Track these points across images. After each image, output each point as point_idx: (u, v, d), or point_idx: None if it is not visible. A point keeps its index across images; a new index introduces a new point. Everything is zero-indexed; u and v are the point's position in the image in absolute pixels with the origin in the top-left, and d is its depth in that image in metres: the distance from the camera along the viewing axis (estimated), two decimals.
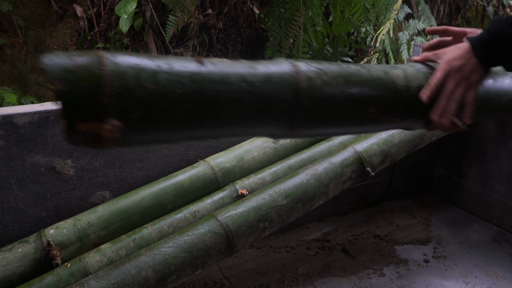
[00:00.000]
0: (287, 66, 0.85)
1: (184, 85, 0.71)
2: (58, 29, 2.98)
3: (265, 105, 0.80)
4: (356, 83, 0.90)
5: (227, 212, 1.30)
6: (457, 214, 2.24)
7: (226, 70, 0.76)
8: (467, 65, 0.93)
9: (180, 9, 2.44)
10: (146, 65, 0.69)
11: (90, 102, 0.64)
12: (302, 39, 2.60)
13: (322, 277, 1.74)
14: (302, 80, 0.84)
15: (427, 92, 0.94)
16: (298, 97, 0.83)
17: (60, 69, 0.63)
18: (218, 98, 0.75)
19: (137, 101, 0.67)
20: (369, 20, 2.55)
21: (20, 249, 1.23)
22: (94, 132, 0.65)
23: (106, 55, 0.67)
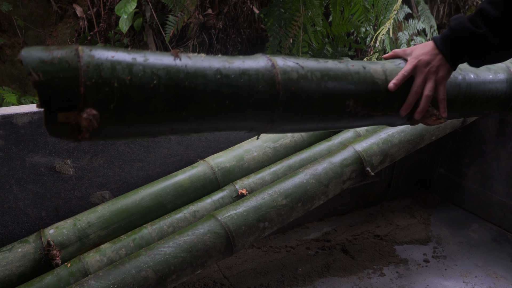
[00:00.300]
0: (263, 60, 0.87)
1: (159, 77, 0.73)
2: (58, 29, 2.98)
3: (243, 97, 0.82)
4: (333, 77, 0.93)
5: (227, 212, 1.30)
6: (457, 214, 2.24)
7: (202, 63, 0.78)
8: (433, 60, 0.97)
9: (180, 9, 2.44)
10: (122, 58, 0.71)
11: (67, 92, 0.66)
12: (302, 39, 2.60)
13: (322, 277, 1.74)
14: (278, 73, 0.86)
15: (395, 81, 0.97)
16: (275, 89, 0.85)
17: (37, 61, 0.65)
18: (194, 90, 0.76)
19: (113, 91, 0.69)
20: (368, 20, 2.55)
21: (20, 249, 1.23)
22: (73, 121, 0.68)
23: (83, 47, 0.69)
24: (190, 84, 0.76)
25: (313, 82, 0.90)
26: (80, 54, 0.68)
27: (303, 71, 0.89)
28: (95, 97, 0.68)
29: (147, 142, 1.45)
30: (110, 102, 0.69)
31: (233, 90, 0.81)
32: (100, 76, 0.68)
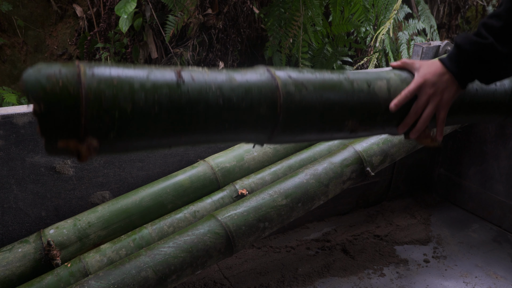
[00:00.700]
0: (267, 79, 0.85)
1: (160, 104, 0.72)
2: (58, 29, 2.98)
3: (242, 121, 0.82)
4: (337, 100, 0.91)
5: (227, 212, 1.30)
6: (457, 214, 2.24)
7: (205, 85, 0.77)
8: (440, 81, 0.93)
9: (180, 9, 2.44)
10: (124, 83, 0.70)
11: (68, 122, 0.66)
12: (302, 39, 2.60)
13: (322, 277, 1.74)
14: (281, 95, 0.85)
15: (396, 101, 0.93)
16: (276, 113, 0.85)
17: (39, 90, 0.64)
18: (195, 115, 0.76)
19: (114, 121, 0.69)
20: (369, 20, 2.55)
21: (20, 249, 1.23)
22: (73, 148, 0.68)
23: (85, 70, 0.68)
24: (191, 111, 0.75)
25: (315, 104, 0.89)
26: (82, 81, 0.66)
27: (306, 92, 0.88)
28: (96, 127, 0.68)
29: None
30: (111, 131, 0.69)
31: (234, 115, 0.80)
32: (101, 106, 0.67)
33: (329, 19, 2.79)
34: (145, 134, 0.73)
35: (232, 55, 2.70)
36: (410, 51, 2.74)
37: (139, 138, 0.73)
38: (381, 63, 2.83)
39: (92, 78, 0.68)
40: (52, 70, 0.66)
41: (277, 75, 0.87)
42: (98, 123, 0.67)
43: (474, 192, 2.20)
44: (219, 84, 0.79)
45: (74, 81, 0.66)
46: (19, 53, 2.91)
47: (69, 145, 0.68)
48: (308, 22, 2.56)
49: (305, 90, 0.87)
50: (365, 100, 0.94)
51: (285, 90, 0.85)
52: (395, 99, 0.94)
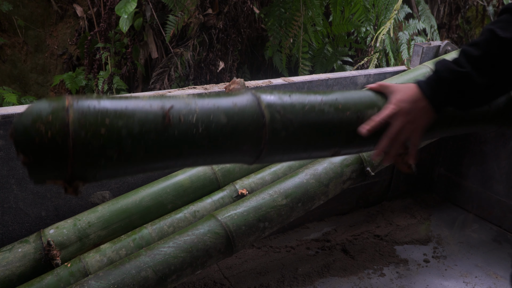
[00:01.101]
0: (255, 115, 0.85)
1: (146, 147, 0.75)
2: (58, 29, 2.98)
3: (225, 157, 0.86)
4: (323, 133, 0.92)
5: (227, 212, 1.30)
6: (457, 214, 2.24)
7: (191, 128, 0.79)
8: (415, 109, 0.91)
9: (180, 9, 2.44)
10: (111, 133, 0.71)
11: (55, 170, 0.69)
12: (302, 39, 2.60)
13: (322, 277, 1.74)
14: (267, 133, 0.86)
15: (368, 127, 0.92)
16: (259, 148, 0.87)
17: (28, 142, 0.66)
18: (180, 154, 0.79)
19: (100, 167, 0.72)
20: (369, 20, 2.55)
21: (20, 249, 1.23)
22: (60, 184, 0.72)
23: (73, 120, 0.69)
24: (175, 151, 0.78)
25: (300, 139, 0.91)
26: (70, 130, 0.68)
27: (293, 129, 0.88)
28: (82, 173, 0.71)
29: None
30: (96, 173, 0.73)
31: (218, 151, 0.83)
32: (88, 156, 0.70)
33: (330, 19, 2.79)
34: (129, 170, 0.77)
35: (233, 55, 2.70)
36: (410, 51, 2.74)
37: (124, 173, 0.78)
38: (381, 63, 2.83)
39: (80, 128, 0.69)
40: (42, 118, 0.68)
41: (266, 109, 0.87)
42: (84, 170, 0.71)
43: (474, 192, 2.20)
44: (207, 123, 0.80)
45: (63, 132, 0.67)
46: (19, 53, 2.91)
47: (56, 183, 0.72)
48: (309, 22, 2.56)
49: (292, 127, 0.88)
50: (354, 131, 0.94)
51: (272, 127, 0.86)
52: (367, 124, 0.92)
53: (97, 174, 0.73)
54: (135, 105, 0.75)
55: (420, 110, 0.91)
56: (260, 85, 1.61)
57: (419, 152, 2.11)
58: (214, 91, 1.51)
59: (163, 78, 2.55)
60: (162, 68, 2.58)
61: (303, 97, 0.92)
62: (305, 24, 2.55)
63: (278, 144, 0.88)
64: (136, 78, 2.84)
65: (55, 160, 0.68)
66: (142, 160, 0.75)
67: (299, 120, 0.89)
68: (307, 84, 1.71)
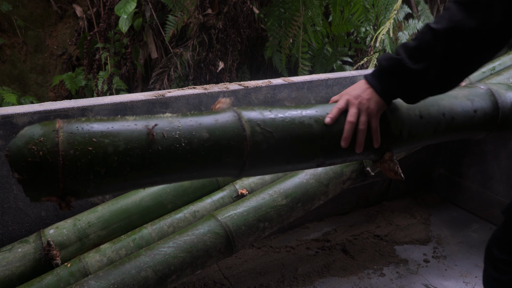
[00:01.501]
0: (236, 128, 0.90)
1: (132, 164, 0.80)
2: (58, 29, 2.98)
3: (209, 170, 0.90)
4: (304, 143, 0.96)
5: (227, 212, 1.30)
6: (457, 214, 2.24)
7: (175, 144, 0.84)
8: (364, 93, 1.01)
9: (179, 9, 2.44)
10: (98, 150, 0.77)
11: (48, 187, 0.75)
12: (301, 39, 2.60)
13: (322, 277, 1.74)
14: (248, 145, 0.90)
15: (331, 115, 1.00)
16: (242, 160, 0.91)
17: (21, 161, 0.72)
18: (164, 167, 0.84)
19: (89, 181, 0.78)
20: (368, 20, 2.55)
21: (20, 249, 1.23)
22: (54, 201, 0.78)
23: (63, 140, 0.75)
24: (160, 165, 0.83)
25: (282, 151, 0.95)
26: (60, 149, 0.74)
27: (274, 141, 0.93)
28: (73, 188, 0.77)
29: None
30: (86, 189, 0.79)
31: (201, 165, 0.87)
32: (77, 171, 0.75)
33: (329, 19, 2.79)
34: (119, 186, 0.83)
35: (232, 55, 2.70)
36: None
37: (113, 188, 0.83)
38: None
39: (69, 146, 0.75)
40: (34, 139, 0.74)
41: (247, 123, 0.91)
42: (75, 186, 0.77)
43: (474, 192, 2.20)
44: (189, 138, 0.85)
45: (53, 151, 0.74)
46: (19, 53, 2.91)
47: (51, 200, 0.78)
48: (308, 22, 2.56)
49: (273, 139, 0.93)
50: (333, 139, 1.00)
51: (253, 140, 0.90)
52: (328, 115, 1.01)
53: (87, 190, 0.79)
54: (120, 125, 0.81)
55: (368, 96, 1.01)
56: (260, 85, 1.61)
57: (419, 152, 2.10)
58: (214, 91, 1.51)
59: (163, 78, 2.55)
60: (162, 68, 2.58)
61: (284, 111, 0.98)
62: (305, 24, 2.55)
63: (261, 156, 0.92)
64: (135, 78, 2.84)
65: (47, 177, 0.73)
66: (129, 175, 0.80)
67: (280, 132, 0.93)
68: (307, 84, 1.71)
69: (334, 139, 1.00)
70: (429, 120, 1.11)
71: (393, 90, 1.00)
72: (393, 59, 0.97)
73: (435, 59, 0.93)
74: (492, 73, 1.79)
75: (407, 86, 0.98)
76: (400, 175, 1.08)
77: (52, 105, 1.29)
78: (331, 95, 1.78)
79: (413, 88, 0.98)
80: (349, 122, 1.00)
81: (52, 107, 1.27)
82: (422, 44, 0.94)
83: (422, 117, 1.10)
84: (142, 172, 0.82)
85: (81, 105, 1.30)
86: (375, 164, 1.12)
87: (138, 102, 1.39)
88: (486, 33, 0.88)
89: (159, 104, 1.43)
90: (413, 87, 0.98)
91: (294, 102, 1.70)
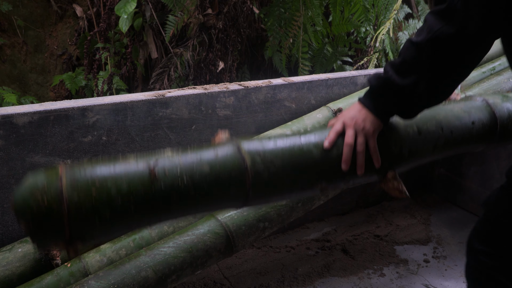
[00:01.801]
0: (237, 160, 0.91)
1: (136, 203, 0.81)
2: (58, 29, 2.98)
3: (213, 201, 0.91)
4: (305, 169, 0.97)
5: (227, 212, 1.30)
6: (457, 214, 2.24)
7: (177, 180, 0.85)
8: (359, 114, 1.02)
9: (179, 9, 2.44)
10: (102, 193, 0.78)
11: (54, 233, 0.76)
12: (302, 39, 2.60)
13: (322, 277, 1.74)
14: (250, 176, 0.91)
15: (328, 139, 1.01)
16: (245, 191, 0.92)
17: (27, 212, 0.74)
18: (169, 205, 0.85)
19: (95, 225, 0.79)
20: (369, 20, 2.55)
21: (20, 249, 1.23)
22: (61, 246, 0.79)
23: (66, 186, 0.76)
24: (164, 203, 0.84)
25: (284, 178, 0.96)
26: (64, 196, 0.75)
27: (274, 169, 0.94)
28: (79, 233, 0.78)
29: (147, 142, 1.45)
30: (93, 233, 0.80)
31: (205, 199, 0.88)
32: (82, 216, 0.76)
33: (329, 19, 2.79)
34: (124, 227, 0.85)
35: (232, 55, 2.70)
36: None
37: (119, 230, 0.85)
38: (381, 63, 2.83)
39: (72, 192, 0.76)
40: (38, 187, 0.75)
41: (247, 154, 0.93)
42: (81, 231, 0.78)
43: (474, 192, 2.20)
44: (191, 173, 0.86)
45: (57, 198, 0.75)
46: (19, 53, 2.91)
47: (58, 246, 0.79)
48: (308, 22, 2.56)
49: (273, 167, 0.94)
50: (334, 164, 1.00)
51: (254, 170, 0.92)
52: (325, 139, 1.01)
53: (94, 233, 0.80)
54: (122, 166, 0.82)
55: (363, 117, 1.01)
56: (260, 85, 1.61)
57: None
58: (214, 91, 1.51)
59: (163, 78, 2.55)
60: (162, 68, 2.58)
61: (283, 139, 0.99)
62: (305, 24, 2.55)
63: (263, 186, 0.93)
64: (135, 78, 2.84)
65: (53, 224, 0.74)
66: (135, 215, 0.81)
67: (280, 160, 0.95)
68: (307, 84, 1.71)
69: (335, 163, 1.00)
70: (428, 136, 1.11)
71: (387, 108, 1.01)
72: (382, 78, 0.99)
73: (422, 71, 0.93)
74: (492, 73, 1.79)
75: (399, 102, 0.99)
76: (405, 193, 1.08)
77: (52, 105, 1.29)
78: (331, 95, 1.78)
79: (406, 103, 0.99)
80: (347, 144, 1.00)
81: (52, 107, 1.27)
82: (407, 59, 0.95)
83: (421, 133, 1.10)
84: (147, 211, 0.83)
85: (81, 105, 1.30)
86: (379, 185, 1.11)
87: (138, 102, 1.39)
88: (466, 38, 0.88)
89: (159, 104, 1.43)
90: (405, 102, 0.98)
91: (294, 102, 1.70)
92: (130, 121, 1.39)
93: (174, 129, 1.48)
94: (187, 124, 1.50)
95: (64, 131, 1.30)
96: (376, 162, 1.03)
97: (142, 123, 1.42)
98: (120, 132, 1.39)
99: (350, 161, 1.00)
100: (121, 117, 1.38)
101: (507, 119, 1.25)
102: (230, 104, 1.57)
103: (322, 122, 1.64)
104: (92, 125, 1.34)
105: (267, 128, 1.66)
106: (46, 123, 1.27)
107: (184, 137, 1.52)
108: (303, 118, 1.65)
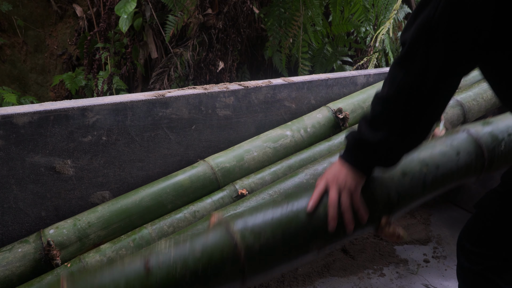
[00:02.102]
0: (226, 238, 0.94)
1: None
2: (58, 29, 2.98)
3: (211, 282, 0.93)
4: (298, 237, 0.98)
5: (227, 212, 1.30)
6: (457, 214, 2.24)
7: (171, 269, 0.89)
8: (340, 172, 1.01)
9: (179, 9, 2.44)
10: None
11: None
12: (302, 39, 2.60)
13: (322, 277, 1.74)
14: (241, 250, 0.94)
15: (311, 202, 1.01)
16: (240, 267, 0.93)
17: None
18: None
19: None
20: (368, 19, 2.55)
21: (20, 249, 1.23)
22: None
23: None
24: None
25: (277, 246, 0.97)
26: None
27: (265, 239, 0.95)
28: None
29: (147, 142, 1.45)
30: None
31: (202, 282, 0.91)
32: None
33: (329, 19, 2.80)
34: None
35: (232, 55, 2.70)
36: None
37: None
38: (381, 63, 2.83)
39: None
40: None
41: (236, 230, 0.95)
42: None
43: (474, 192, 2.20)
44: (184, 259, 0.90)
45: None
46: (19, 53, 2.91)
47: None
48: (308, 22, 2.56)
49: (264, 238, 0.96)
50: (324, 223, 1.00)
51: (245, 244, 0.94)
52: (308, 202, 1.01)
53: None
54: (119, 268, 0.88)
55: (345, 174, 1.01)
56: (260, 85, 1.61)
57: None
58: (214, 91, 1.51)
59: (163, 78, 2.55)
60: (162, 68, 2.58)
61: (270, 208, 1.01)
62: (305, 24, 2.55)
63: (257, 257, 0.95)
64: (135, 78, 2.84)
65: None
66: None
67: (269, 230, 0.96)
68: (307, 84, 1.71)
69: (325, 224, 1.00)
70: (414, 175, 1.10)
71: (367, 162, 1.00)
72: (356, 135, 0.99)
73: (391, 124, 0.93)
74: None
75: (377, 155, 0.98)
76: (402, 238, 1.09)
77: (52, 105, 1.29)
78: (331, 95, 1.78)
79: (383, 155, 0.98)
80: (330, 204, 1.00)
81: (52, 107, 1.27)
82: (376, 114, 0.95)
83: (405, 174, 1.10)
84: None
85: (81, 105, 1.30)
86: (377, 234, 1.11)
87: (138, 102, 1.39)
88: (428, 84, 0.86)
89: (159, 104, 1.43)
90: (382, 155, 0.98)
91: (294, 102, 1.70)
92: (130, 121, 1.40)
93: (174, 129, 1.48)
94: (187, 124, 1.51)
95: (64, 131, 1.30)
96: (361, 218, 1.02)
97: (142, 123, 1.42)
98: (120, 132, 1.39)
99: (337, 220, 0.99)
100: (121, 117, 1.38)
101: (492, 143, 1.23)
102: (230, 104, 1.57)
103: (322, 122, 1.65)
104: (92, 125, 1.34)
105: (267, 128, 1.66)
106: (46, 123, 1.27)
107: (184, 137, 1.52)
108: (303, 118, 1.65)
